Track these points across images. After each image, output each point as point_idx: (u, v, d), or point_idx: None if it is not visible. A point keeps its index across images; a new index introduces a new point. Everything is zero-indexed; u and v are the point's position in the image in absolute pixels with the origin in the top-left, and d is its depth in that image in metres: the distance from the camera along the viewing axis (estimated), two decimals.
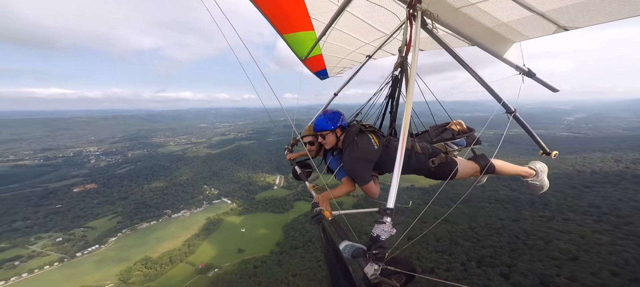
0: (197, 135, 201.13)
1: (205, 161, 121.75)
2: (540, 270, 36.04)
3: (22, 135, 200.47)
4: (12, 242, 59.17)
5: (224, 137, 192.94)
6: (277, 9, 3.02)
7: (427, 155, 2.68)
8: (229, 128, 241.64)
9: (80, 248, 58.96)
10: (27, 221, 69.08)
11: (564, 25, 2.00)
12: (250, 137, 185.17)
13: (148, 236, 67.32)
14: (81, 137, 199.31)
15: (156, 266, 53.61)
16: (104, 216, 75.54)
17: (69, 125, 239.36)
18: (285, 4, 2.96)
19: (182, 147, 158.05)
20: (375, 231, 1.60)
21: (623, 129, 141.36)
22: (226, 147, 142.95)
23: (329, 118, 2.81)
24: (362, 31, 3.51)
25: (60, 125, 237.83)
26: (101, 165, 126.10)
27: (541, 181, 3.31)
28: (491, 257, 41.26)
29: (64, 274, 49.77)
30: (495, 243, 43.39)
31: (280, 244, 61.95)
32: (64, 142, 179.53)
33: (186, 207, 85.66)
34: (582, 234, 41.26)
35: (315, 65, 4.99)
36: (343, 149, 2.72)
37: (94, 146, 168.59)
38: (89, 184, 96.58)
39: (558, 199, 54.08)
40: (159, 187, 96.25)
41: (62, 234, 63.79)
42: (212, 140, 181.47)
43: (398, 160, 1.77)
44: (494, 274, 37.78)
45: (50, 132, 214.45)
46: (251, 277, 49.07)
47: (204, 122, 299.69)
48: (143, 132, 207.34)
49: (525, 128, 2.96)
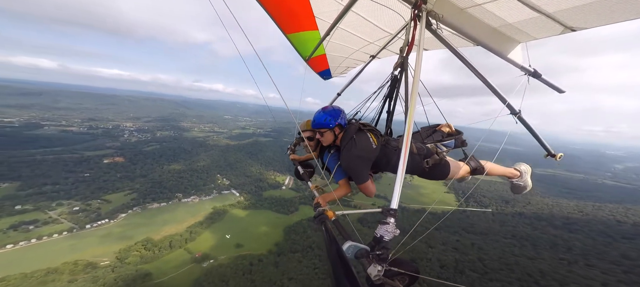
0: (220, 126, 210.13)
1: (223, 150, 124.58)
2: None
3: (76, 105, 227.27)
4: (35, 206, 64.41)
5: (243, 130, 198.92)
6: (282, 8, 3.05)
7: (422, 156, 2.75)
8: (249, 123, 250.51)
9: (91, 220, 62.04)
10: (56, 186, 75.33)
11: (571, 26, 2.02)
12: (268, 134, 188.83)
13: (155, 216, 69.04)
14: (122, 113, 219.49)
15: (155, 249, 53.96)
16: (121, 190, 79.63)
17: (116, 102, 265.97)
18: (290, 3, 2.98)
19: (205, 135, 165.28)
20: (378, 231, 1.62)
21: None
22: (244, 141, 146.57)
23: (328, 115, 2.79)
24: (366, 30, 3.52)
25: (109, 101, 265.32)
26: (132, 140, 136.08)
27: (525, 182, 3.49)
28: None
29: (68, 245, 52.19)
30: (505, 278, 41.45)
31: (280, 245, 60.37)
32: (107, 115, 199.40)
33: (197, 193, 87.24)
34: (604, 281, 39.25)
35: (319, 65, 4.99)
36: (341, 147, 2.74)
37: (130, 122, 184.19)
38: (118, 156, 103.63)
39: (585, 245, 52.52)
40: (177, 169, 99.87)
41: (81, 204, 68.07)
42: (232, 132, 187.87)
43: (402, 161, 1.81)
44: None
45: (99, 105, 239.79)
46: (245, 274, 47.76)
47: (229, 114, 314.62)
48: (174, 116, 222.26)
49: (529, 129, 2.95)
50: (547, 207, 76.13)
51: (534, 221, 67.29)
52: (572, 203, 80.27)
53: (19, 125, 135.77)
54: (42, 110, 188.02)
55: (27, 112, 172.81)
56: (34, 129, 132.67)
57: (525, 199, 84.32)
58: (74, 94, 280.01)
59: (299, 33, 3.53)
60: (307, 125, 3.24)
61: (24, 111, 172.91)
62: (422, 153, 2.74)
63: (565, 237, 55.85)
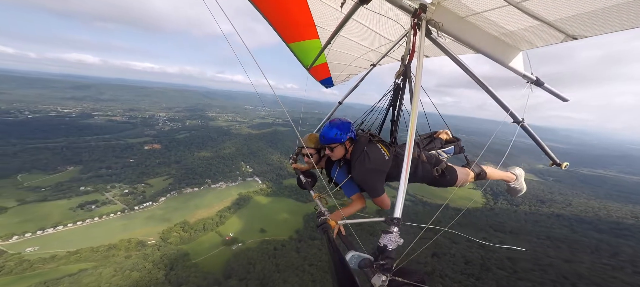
0: (242, 115, 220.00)
1: (246, 139, 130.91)
2: None
3: (117, 96, 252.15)
4: (95, 187, 75.10)
5: (263, 120, 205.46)
6: (284, 18, 3.04)
7: (431, 164, 2.76)
8: (269, 113, 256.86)
9: (138, 202, 70.95)
10: (109, 170, 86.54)
11: (572, 35, 2.00)
12: (286, 124, 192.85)
13: (189, 201, 76.61)
14: (156, 103, 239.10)
15: (191, 231, 60.66)
16: (160, 175, 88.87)
17: (149, 93, 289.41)
18: (292, 13, 2.97)
19: (229, 124, 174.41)
20: (382, 240, 1.59)
21: None
22: (264, 130, 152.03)
23: (338, 129, 2.72)
24: (367, 38, 3.53)
25: (143, 93, 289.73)
26: (166, 129, 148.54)
27: (520, 184, 3.59)
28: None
29: (121, 224, 60.69)
30: (536, 278, 39.57)
31: (300, 231, 63.78)
32: (144, 105, 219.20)
33: (224, 179, 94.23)
34: None
35: (320, 73, 5.00)
36: (352, 160, 2.67)
37: (163, 112, 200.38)
38: (155, 144, 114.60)
39: (637, 251, 48.10)
40: (206, 156, 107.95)
41: (129, 187, 77.79)
42: (253, 121, 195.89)
43: (405, 169, 1.81)
44: None
45: (136, 97, 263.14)
46: (270, 258, 51.54)
47: (249, 105, 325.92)
48: (200, 106, 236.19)
49: (533, 138, 2.92)
50: (592, 210, 70.30)
51: (573, 223, 62.52)
52: (626, 207, 72.49)
53: (75, 115, 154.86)
54: (91, 102, 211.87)
55: (80, 103, 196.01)
56: (86, 119, 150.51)
57: (566, 201, 77.94)
58: (114, 87, 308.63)
59: (300, 42, 3.56)
60: (311, 140, 3.18)
61: (77, 103, 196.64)
62: (432, 161, 2.77)
63: (611, 243, 51.67)
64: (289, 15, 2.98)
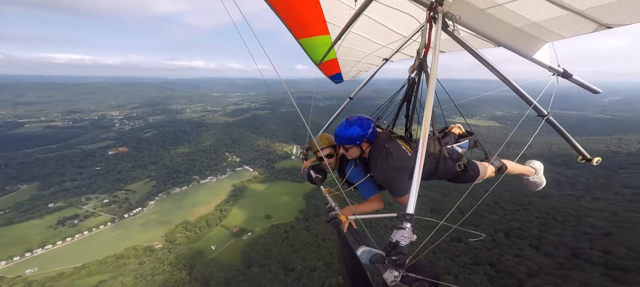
0: (212, 104, 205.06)
1: (224, 128, 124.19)
2: (572, 243, 36.82)
3: (47, 98, 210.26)
4: (67, 202, 65.88)
5: (237, 106, 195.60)
6: (294, 13, 2.98)
7: (453, 159, 2.64)
8: (241, 98, 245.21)
9: (126, 210, 64.98)
10: (74, 182, 75.75)
11: (606, 23, 1.80)
12: (264, 107, 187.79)
13: (182, 200, 72.66)
14: (102, 102, 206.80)
15: (195, 229, 58.79)
16: (139, 179, 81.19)
17: (90, 90, 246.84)
18: (302, 8, 2.91)
19: (199, 115, 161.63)
20: (394, 236, 1.56)
21: None
22: (242, 116, 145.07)
23: (357, 128, 2.54)
24: (379, 34, 3.43)
25: (80, 90, 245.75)
26: (126, 129, 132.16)
27: (540, 178, 3.49)
28: (519, 230, 43.01)
29: (119, 234, 55.91)
30: (523, 217, 43.98)
31: (304, 211, 65.40)
32: (87, 106, 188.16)
33: (212, 173, 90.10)
34: (614, 212, 41.43)
35: (330, 69, 4.89)
36: (372, 159, 2.52)
37: (116, 110, 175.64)
38: (121, 147, 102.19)
39: (587, 179, 54.91)
40: (185, 152, 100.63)
41: (107, 196, 70.00)
42: (226, 109, 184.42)
43: (418, 163, 1.74)
44: (524, 245, 39.41)
45: (72, 96, 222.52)
46: (284, 240, 52.88)
47: (217, 92, 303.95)
48: (160, 99, 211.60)
49: (560, 132, 2.75)
50: (547, 147, 77.50)
51: None
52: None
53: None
54: (9, 107, 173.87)
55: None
56: (15, 128, 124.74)
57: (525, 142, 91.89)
58: (37, 85, 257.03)
59: (310, 38, 3.53)
60: (324, 141, 2.97)
61: None
62: (453, 157, 2.66)
63: (568, 174, 58.24)
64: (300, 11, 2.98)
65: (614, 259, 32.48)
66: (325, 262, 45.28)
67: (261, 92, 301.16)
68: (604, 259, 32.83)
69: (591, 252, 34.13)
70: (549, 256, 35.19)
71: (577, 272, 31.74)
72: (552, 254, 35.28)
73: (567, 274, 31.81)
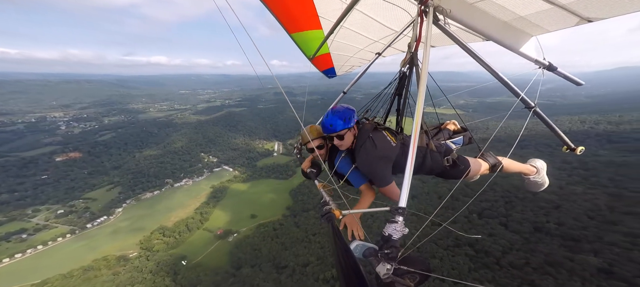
0: (180, 102, 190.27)
1: (197, 127, 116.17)
2: (532, 218, 41.37)
3: None
4: (7, 216, 55.17)
5: (210, 104, 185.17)
6: (286, 8, 3.01)
7: (441, 153, 2.61)
8: (213, 95, 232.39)
9: (89, 220, 56.89)
10: (14, 194, 63.68)
11: (587, 17, 1.92)
12: (240, 104, 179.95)
13: (156, 205, 66.20)
14: (39, 101, 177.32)
15: (174, 234, 54.11)
16: (100, 186, 71.73)
17: (20, 89, 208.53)
18: (294, 3, 2.94)
19: (166, 114, 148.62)
20: (386, 230, 1.57)
21: (585, 97, 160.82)
22: (216, 114, 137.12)
23: (344, 115, 2.50)
24: (371, 29, 3.48)
25: (7, 88, 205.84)
26: (75, 132, 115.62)
27: (542, 178, 3.33)
28: (490, 210, 46.02)
29: (83, 245, 48.63)
30: (491, 198, 48.23)
31: (291, 208, 64.24)
32: (19, 106, 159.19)
33: (187, 176, 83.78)
34: (560, 186, 46.08)
35: (323, 64, 4.89)
36: (357, 148, 2.49)
37: (59, 111, 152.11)
38: (71, 152, 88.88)
39: (535, 157, 62.75)
40: (153, 155, 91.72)
41: (62, 206, 60.37)
42: (197, 107, 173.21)
43: (410, 157, 1.74)
44: (495, 223, 43.08)
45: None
46: (273, 238, 51.33)
47: (185, 89, 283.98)
48: (116, 98, 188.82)
49: (546, 123, 2.81)
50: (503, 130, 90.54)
51: None
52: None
53: None
54: None
55: None
56: None
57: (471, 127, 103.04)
58: None
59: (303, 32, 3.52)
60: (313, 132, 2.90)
61: None
62: (441, 150, 2.62)
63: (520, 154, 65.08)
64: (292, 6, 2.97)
65: (567, 229, 36.71)
66: (317, 257, 44.85)
67: (235, 88, 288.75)
68: (560, 230, 36.91)
69: (549, 226, 38.13)
70: (517, 232, 38.78)
71: (541, 245, 35.21)
72: (518, 231, 38.89)
73: (533, 248, 35.20)
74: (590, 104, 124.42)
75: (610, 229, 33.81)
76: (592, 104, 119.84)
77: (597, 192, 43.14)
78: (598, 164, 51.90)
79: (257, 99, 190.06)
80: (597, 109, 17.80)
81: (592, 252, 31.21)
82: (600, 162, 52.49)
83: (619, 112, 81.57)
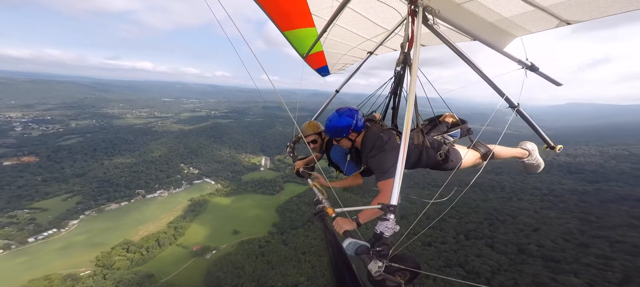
0: (161, 110, 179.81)
1: (179, 137, 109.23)
2: (515, 240, 41.82)
3: None
4: None
5: (194, 113, 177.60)
6: (278, 6, 3.04)
7: (435, 149, 2.75)
8: (199, 105, 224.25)
9: (32, 233, 47.53)
10: None
11: (566, 19, 2.03)
12: (227, 115, 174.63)
13: (122, 217, 58.18)
14: None
15: (141, 250, 46.91)
16: (55, 195, 62.13)
17: None
18: (287, 1, 2.98)
19: (144, 121, 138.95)
20: (378, 227, 1.59)
21: (549, 130, 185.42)
22: (200, 124, 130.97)
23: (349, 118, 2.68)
24: (363, 27, 3.52)
25: None
26: (34, 134, 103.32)
27: (536, 160, 3.47)
28: (475, 231, 45.97)
29: (20, 263, 39.61)
30: (475, 220, 48.80)
31: (278, 225, 60.19)
32: None
33: (163, 187, 76.25)
34: (535, 210, 47.88)
35: (317, 62, 4.95)
36: (367, 147, 2.63)
37: (17, 111, 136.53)
38: (25, 156, 77.91)
39: (511, 184, 63.79)
40: (126, 163, 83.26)
41: (1, 217, 50.67)
42: (180, 115, 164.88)
43: (401, 156, 1.76)
44: (482, 245, 42.66)
45: None
46: (258, 256, 46.87)
47: (168, 97, 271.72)
48: (89, 101, 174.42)
49: (528, 122, 2.94)
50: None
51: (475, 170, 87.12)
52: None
53: None
54: None
55: None
56: None
57: None
58: None
59: (296, 30, 3.53)
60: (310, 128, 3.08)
61: None
62: (435, 146, 2.74)
63: (497, 180, 67.24)
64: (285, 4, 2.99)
65: (547, 251, 37.33)
66: (308, 277, 40.92)
67: (222, 99, 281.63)
68: (541, 252, 37.50)
69: (531, 247, 38.61)
70: (502, 253, 38.71)
71: (526, 266, 35.34)
72: (504, 252, 38.90)
73: (520, 269, 35.07)
74: (550, 135, 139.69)
75: (585, 251, 34.89)
76: (552, 136, 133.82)
77: (568, 217, 45.08)
78: (564, 191, 55.04)
79: (245, 111, 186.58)
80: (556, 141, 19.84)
81: (572, 273, 31.54)
82: (565, 189, 55.81)
83: (574, 146, 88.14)
